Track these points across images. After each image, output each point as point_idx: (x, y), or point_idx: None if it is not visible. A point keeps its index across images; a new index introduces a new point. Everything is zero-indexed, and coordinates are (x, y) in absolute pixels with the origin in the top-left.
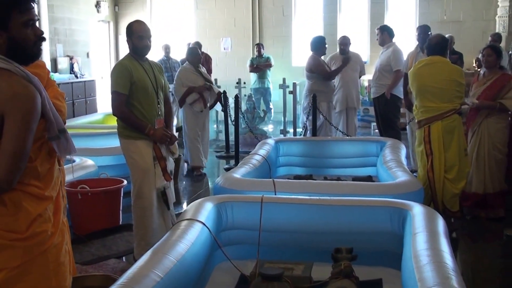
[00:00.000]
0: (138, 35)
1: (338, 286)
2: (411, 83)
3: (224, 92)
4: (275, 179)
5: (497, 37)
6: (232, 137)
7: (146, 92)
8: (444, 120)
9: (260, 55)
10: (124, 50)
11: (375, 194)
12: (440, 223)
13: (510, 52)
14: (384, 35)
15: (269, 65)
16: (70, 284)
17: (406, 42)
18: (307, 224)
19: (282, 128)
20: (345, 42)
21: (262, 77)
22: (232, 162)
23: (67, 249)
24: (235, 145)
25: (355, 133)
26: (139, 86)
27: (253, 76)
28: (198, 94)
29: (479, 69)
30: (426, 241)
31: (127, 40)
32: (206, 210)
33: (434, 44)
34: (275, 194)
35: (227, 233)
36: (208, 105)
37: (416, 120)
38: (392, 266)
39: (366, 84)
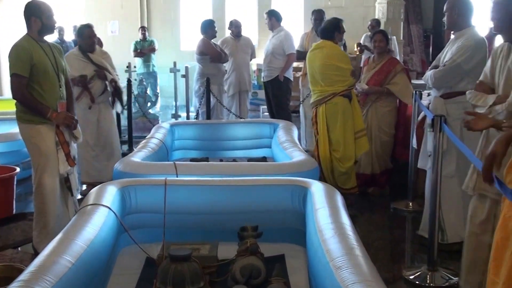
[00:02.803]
0: (48, 14)
1: (244, 263)
2: (306, 66)
3: (129, 81)
4: (176, 162)
5: (375, 22)
6: (124, 122)
7: (47, 75)
8: (327, 103)
9: (144, 38)
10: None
11: (275, 173)
12: (339, 198)
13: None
14: (273, 20)
15: (153, 49)
16: None
17: (294, 26)
18: (211, 205)
19: (173, 112)
20: (237, 25)
21: (147, 61)
22: (125, 147)
23: None
24: (128, 130)
25: (247, 115)
26: (39, 68)
27: (138, 61)
28: (81, 86)
29: (360, 54)
30: (328, 215)
31: (32, 20)
32: (110, 194)
33: (323, 28)
34: (177, 177)
35: (132, 217)
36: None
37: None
38: (295, 242)
39: (254, 68)
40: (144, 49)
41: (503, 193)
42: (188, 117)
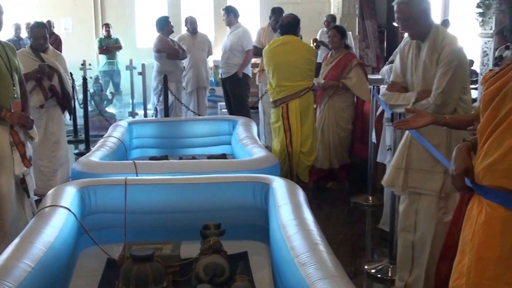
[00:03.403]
0: None
1: (208, 261)
2: (267, 62)
3: (84, 79)
4: (136, 161)
5: (331, 18)
6: (80, 121)
7: (0, 74)
8: (301, 97)
9: (109, 36)
10: None
11: (236, 170)
12: (301, 194)
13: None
14: (230, 16)
15: (120, 47)
16: None
17: (250, 22)
18: (173, 203)
19: (130, 110)
20: (192, 21)
21: (112, 58)
22: (82, 146)
23: None
24: (85, 129)
25: (205, 112)
26: None
27: (102, 58)
28: (34, 81)
29: (317, 49)
30: (291, 211)
31: None
32: (69, 195)
33: (286, 24)
34: (137, 176)
35: (92, 218)
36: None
37: (271, 100)
38: (257, 239)
39: (211, 64)
40: (110, 46)
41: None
42: (145, 115)
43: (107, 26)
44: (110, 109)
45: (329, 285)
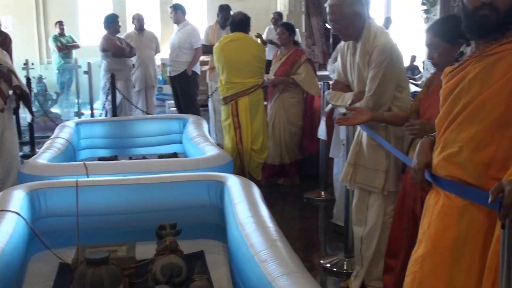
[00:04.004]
0: None
1: (165, 262)
2: (217, 59)
3: (28, 79)
4: (86, 162)
5: (278, 15)
6: (23, 122)
7: None
8: (250, 95)
9: (62, 34)
10: None
11: (190, 169)
12: (256, 191)
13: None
14: (178, 13)
15: (77, 46)
16: None
17: (197, 19)
18: (126, 204)
19: (76, 110)
20: (139, 19)
21: (68, 57)
22: (27, 148)
23: None
24: (29, 130)
25: (154, 111)
26: None
27: (55, 57)
28: None
29: (264, 46)
30: (247, 209)
31: None
32: (18, 199)
33: (238, 21)
34: (88, 177)
35: (42, 222)
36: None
37: (221, 97)
38: (213, 237)
39: (158, 62)
40: (70, 44)
41: (440, 186)
42: (92, 115)
43: (60, 24)
44: (55, 109)
45: (290, 280)
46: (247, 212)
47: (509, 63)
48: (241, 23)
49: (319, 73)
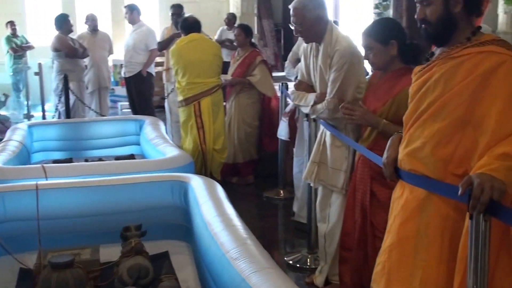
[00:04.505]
0: None
1: (131, 263)
2: (176, 61)
3: None
4: (44, 164)
5: (231, 16)
6: None
7: None
8: (212, 95)
9: (15, 34)
10: None
11: (152, 170)
12: (220, 191)
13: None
14: (134, 14)
15: (32, 47)
16: None
17: (150, 21)
18: (89, 206)
19: (26, 112)
20: (93, 19)
21: (21, 58)
22: None
23: None
24: None
25: (108, 113)
26: None
27: (9, 58)
28: None
29: None
30: (214, 208)
31: None
32: None
33: (192, 23)
34: (47, 180)
35: (2, 226)
36: None
37: (180, 98)
38: (176, 238)
39: (110, 63)
40: (24, 46)
41: (404, 179)
42: (44, 117)
43: (12, 24)
44: (2, 112)
45: (264, 277)
46: (214, 212)
47: (471, 66)
48: (195, 24)
49: (273, 74)
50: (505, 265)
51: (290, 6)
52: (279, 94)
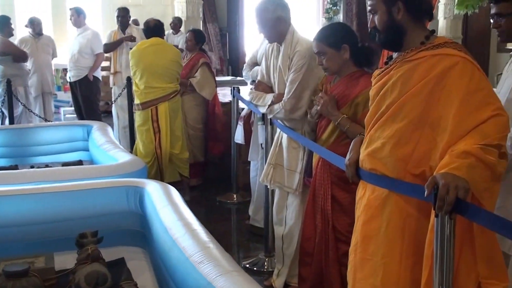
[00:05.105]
0: None
1: (88, 270)
2: (136, 63)
3: None
4: None
5: (177, 20)
6: None
7: None
8: (170, 100)
9: None
10: None
11: (105, 175)
12: (177, 195)
13: None
14: (80, 17)
15: None
16: None
17: (93, 24)
18: (42, 214)
19: None
20: (38, 22)
21: None
22: None
23: None
24: None
25: (52, 118)
26: None
27: None
28: None
29: None
30: (173, 213)
31: None
32: None
33: (153, 26)
34: None
35: None
36: None
37: (137, 102)
38: (132, 244)
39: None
40: None
41: (366, 179)
42: None
43: None
44: None
45: (230, 280)
46: (173, 216)
47: (426, 69)
48: (156, 28)
49: (218, 78)
50: (468, 261)
51: (254, 8)
52: (225, 98)
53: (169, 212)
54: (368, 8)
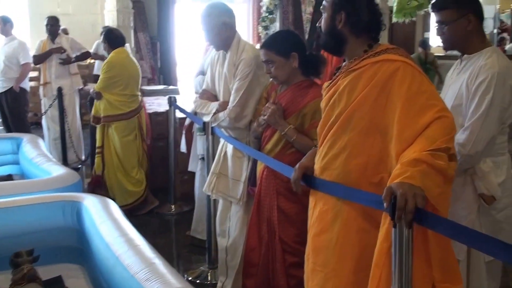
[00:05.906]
0: None
1: None
2: (119, 72)
3: None
4: None
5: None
6: None
7: None
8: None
9: None
10: None
11: (40, 190)
12: (117, 210)
13: None
14: (7, 26)
15: None
16: None
17: (21, 33)
18: None
19: None
20: None
21: None
22: None
23: None
24: None
25: None
26: None
27: None
28: None
29: (93, 62)
30: (114, 229)
31: None
32: None
33: (115, 37)
34: None
35: None
36: None
37: (123, 111)
38: (69, 261)
39: None
40: None
41: (318, 188)
42: None
43: None
44: None
45: None
46: (114, 232)
47: (369, 76)
48: (121, 38)
49: (147, 87)
50: (423, 266)
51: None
52: (161, 107)
53: (109, 227)
54: (321, 6)
